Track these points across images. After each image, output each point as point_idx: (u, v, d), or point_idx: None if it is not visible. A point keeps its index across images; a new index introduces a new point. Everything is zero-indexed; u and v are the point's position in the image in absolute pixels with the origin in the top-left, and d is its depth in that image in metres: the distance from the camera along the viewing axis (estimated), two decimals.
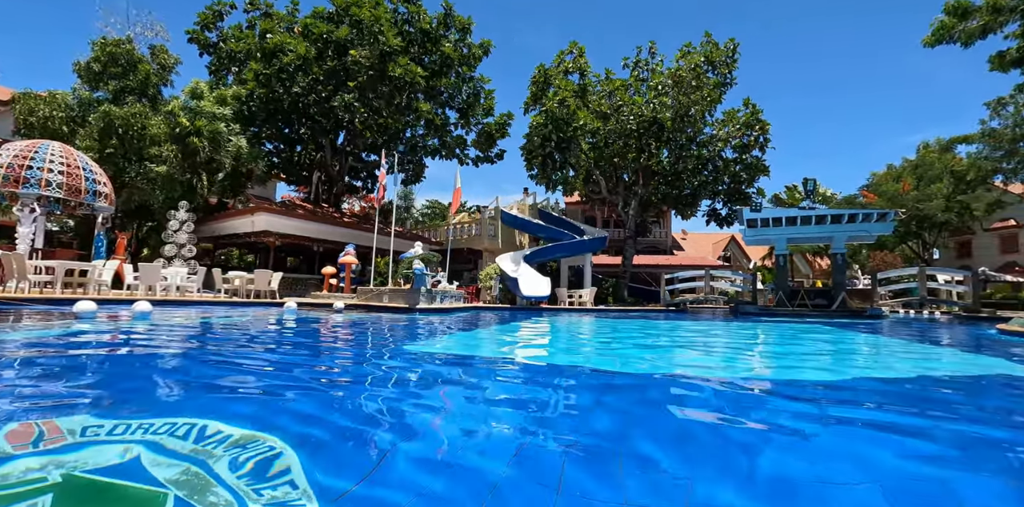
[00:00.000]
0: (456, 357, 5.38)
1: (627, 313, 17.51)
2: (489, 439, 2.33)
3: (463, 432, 2.45)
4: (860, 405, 3.37)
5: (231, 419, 2.32)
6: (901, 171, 33.14)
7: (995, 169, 28.56)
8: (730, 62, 23.64)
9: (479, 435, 2.40)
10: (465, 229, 25.23)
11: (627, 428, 2.65)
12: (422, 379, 3.95)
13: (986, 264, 34.38)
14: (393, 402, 3.07)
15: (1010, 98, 26.91)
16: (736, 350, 6.84)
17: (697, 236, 44.32)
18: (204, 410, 2.59)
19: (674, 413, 2.98)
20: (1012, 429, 2.83)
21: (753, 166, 24.25)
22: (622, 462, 2.03)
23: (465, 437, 2.36)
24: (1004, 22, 17.82)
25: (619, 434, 2.52)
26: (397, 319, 10.81)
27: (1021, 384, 4.39)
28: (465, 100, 24.76)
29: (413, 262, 13.37)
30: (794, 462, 2.15)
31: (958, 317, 18.76)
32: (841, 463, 2.13)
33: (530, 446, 2.20)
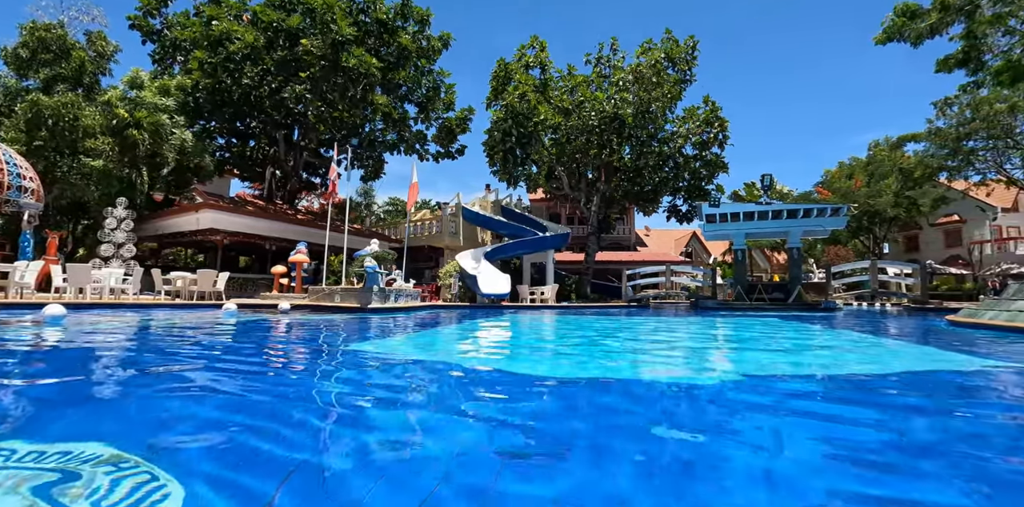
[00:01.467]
0: (393, 359, 4.98)
1: (588, 310, 17.35)
2: (413, 458, 1.98)
3: (384, 446, 2.09)
4: (816, 401, 3.14)
5: (102, 440, 1.91)
6: (853, 168, 34.18)
7: (940, 167, 29.70)
8: (690, 59, 23.78)
9: (405, 450, 2.06)
10: (426, 226, 24.70)
11: (565, 437, 2.33)
12: (349, 384, 3.55)
13: (932, 257, 35.88)
14: (309, 412, 2.67)
15: (955, 98, 27.99)
16: (678, 347, 6.65)
17: (660, 232, 44.82)
18: (71, 431, 2.16)
19: (617, 421, 2.67)
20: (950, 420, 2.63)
21: (712, 163, 24.49)
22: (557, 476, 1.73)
23: (388, 452, 2.01)
24: (950, 23, 18.24)
25: (556, 447, 2.20)
26: (346, 320, 10.29)
27: (974, 376, 4.28)
28: (425, 94, 24.19)
29: (365, 260, 12.82)
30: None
31: (907, 309, 19.34)
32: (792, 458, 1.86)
33: (458, 471, 1.86)
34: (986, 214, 34.67)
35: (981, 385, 4.02)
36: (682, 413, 2.97)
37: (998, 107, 26.19)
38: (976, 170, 29.67)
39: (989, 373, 4.51)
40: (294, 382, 3.73)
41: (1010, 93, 25.01)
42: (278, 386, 3.54)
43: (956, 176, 30.22)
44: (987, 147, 28.40)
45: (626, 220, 38.27)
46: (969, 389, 3.84)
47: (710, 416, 2.87)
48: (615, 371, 4.50)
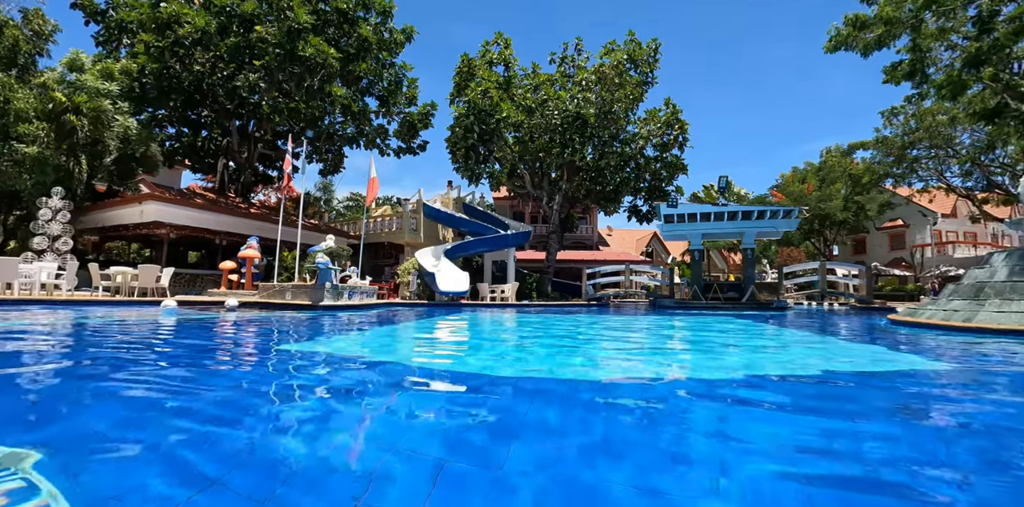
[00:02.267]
0: (332, 358, 4.76)
1: (546, 309, 17.35)
2: (341, 466, 1.82)
3: (308, 455, 1.92)
4: (758, 400, 3.12)
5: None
6: (806, 173, 35.41)
7: (887, 173, 31.09)
8: (652, 61, 24.08)
9: (330, 456, 1.89)
10: (386, 223, 24.24)
11: (502, 438, 2.20)
12: (277, 386, 3.33)
13: (878, 260, 37.58)
14: (239, 413, 2.47)
15: (901, 108, 29.34)
16: (618, 349, 6.65)
17: (622, 232, 45.41)
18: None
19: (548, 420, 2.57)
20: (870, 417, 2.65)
21: (672, 164, 24.89)
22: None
23: (311, 462, 1.83)
24: (897, 35, 18.83)
25: (494, 451, 2.07)
26: (295, 318, 9.93)
27: (903, 373, 4.38)
28: (386, 88, 23.70)
29: (317, 256, 12.41)
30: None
31: (853, 308, 20.10)
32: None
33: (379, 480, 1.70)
34: (927, 219, 36.53)
35: (904, 386, 4.11)
36: (614, 414, 2.89)
37: (940, 119, 27.54)
38: (919, 177, 31.18)
39: (914, 373, 4.64)
40: (214, 385, 3.50)
41: (951, 105, 26.37)
42: (199, 388, 3.30)
43: (901, 183, 31.73)
44: (929, 156, 29.88)
45: (589, 220, 38.61)
46: (889, 389, 3.91)
47: (638, 415, 2.80)
48: (551, 370, 4.42)
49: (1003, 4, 16.40)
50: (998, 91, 19.08)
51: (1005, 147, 26.30)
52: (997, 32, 16.29)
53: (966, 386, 3.84)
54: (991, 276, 10.94)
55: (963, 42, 18.39)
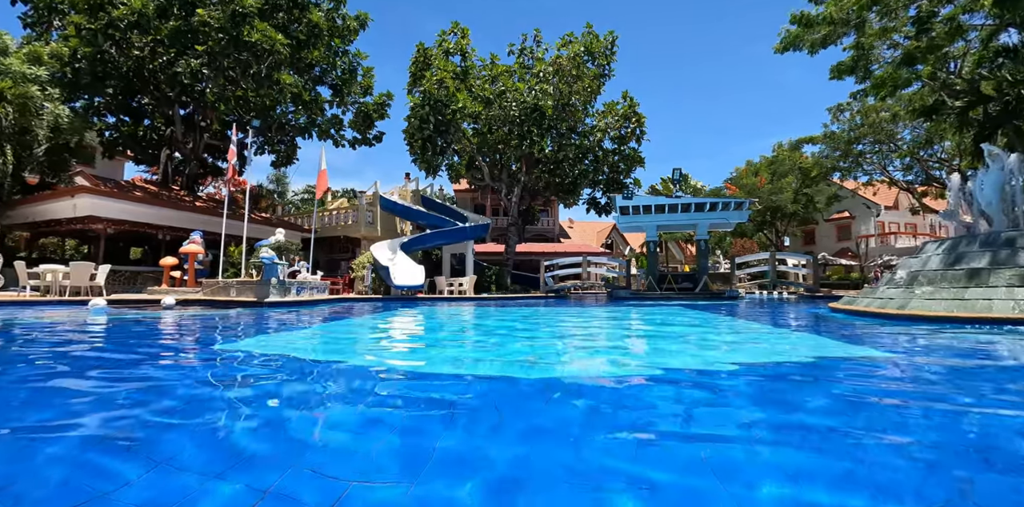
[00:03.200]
0: (261, 358, 4.55)
1: (503, 301, 17.31)
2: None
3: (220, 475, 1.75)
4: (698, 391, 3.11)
5: None
6: (759, 167, 36.44)
7: (834, 167, 32.21)
8: (609, 54, 24.17)
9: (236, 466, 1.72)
10: (342, 216, 23.67)
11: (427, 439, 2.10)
12: (195, 388, 3.13)
13: (826, 250, 39.11)
14: (150, 415, 2.27)
15: (847, 105, 30.40)
16: (554, 338, 6.66)
17: (583, 224, 45.81)
18: None
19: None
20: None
21: (630, 157, 25.16)
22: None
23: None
24: (842, 34, 19.33)
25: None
26: (237, 315, 9.57)
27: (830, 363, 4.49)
28: (340, 76, 23.01)
29: (261, 251, 11.97)
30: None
31: (801, 297, 20.82)
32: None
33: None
34: (871, 211, 38.17)
35: (837, 374, 4.21)
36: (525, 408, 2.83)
37: (883, 115, 28.69)
38: (864, 171, 32.47)
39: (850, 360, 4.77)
40: (118, 391, 3.27)
41: (893, 102, 27.51)
42: (111, 391, 3.07)
43: (847, 176, 33.00)
44: (873, 151, 31.12)
45: (550, 212, 38.77)
46: (822, 378, 3.99)
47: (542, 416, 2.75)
48: (491, 366, 4.35)
49: (940, 5, 17.09)
50: (935, 89, 19.98)
51: (942, 143, 27.64)
52: (935, 32, 16.98)
53: (879, 375, 3.96)
54: (924, 265, 11.46)
55: (905, 41, 19.12)
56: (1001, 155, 10.99)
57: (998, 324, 7.88)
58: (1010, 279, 9.07)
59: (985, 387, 3.34)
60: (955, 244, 11.12)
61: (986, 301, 8.89)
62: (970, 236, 11.05)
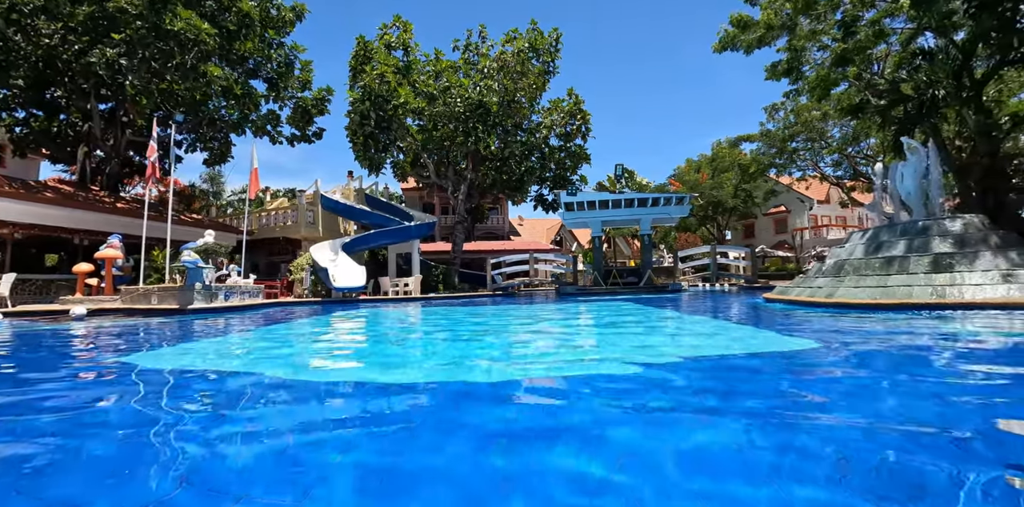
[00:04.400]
0: (163, 373, 4.13)
1: (448, 301, 17.02)
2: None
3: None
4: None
5: None
6: (700, 163, 37.55)
7: (771, 164, 33.51)
8: (553, 51, 24.18)
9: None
10: (281, 216, 22.68)
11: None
12: (82, 411, 2.73)
13: (765, 243, 40.76)
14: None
15: (781, 104, 31.68)
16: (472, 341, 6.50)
17: (533, 222, 45.97)
18: None
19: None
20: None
21: (576, 154, 25.32)
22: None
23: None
24: (776, 36, 19.99)
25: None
26: (155, 324, 8.90)
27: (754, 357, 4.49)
28: (275, 70, 21.98)
29: (183, 254, 11.21)
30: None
31: (741, 288, 21.53)
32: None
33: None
34: (805, 205, 40.10)
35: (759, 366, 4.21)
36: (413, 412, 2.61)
37: (814, 114, 30.06)
38: (798, 167, 33.98)
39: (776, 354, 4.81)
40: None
41: (823, 102, 28.87)
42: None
43: (783, 172, 34.46)
44: (806, 148, 32.59)
45: (500, 210, 38.63)
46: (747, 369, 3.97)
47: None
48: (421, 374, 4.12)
49: (864, 10, 17.96)
50: (861, 88, 21.01)
51: (868, 140, 29.23)
52: (860, 35, 17.82)
53: (797, 364, 3.98)
54: (850, 254, 11.96)
55: (833, 44, 20.00)
56: (918, 148, 11.58)
57: (919, 309, 8.25)
58: (927, 266, 9.56)
59: (902, 375, 3.38)
60: (877, 233, 11.66)
61: (906, 287, 9.34)
62: (891, 225, 11.62)
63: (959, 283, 8.82)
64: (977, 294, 8.42)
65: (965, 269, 9.07)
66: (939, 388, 2.97)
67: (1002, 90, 21.55)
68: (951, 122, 21.01)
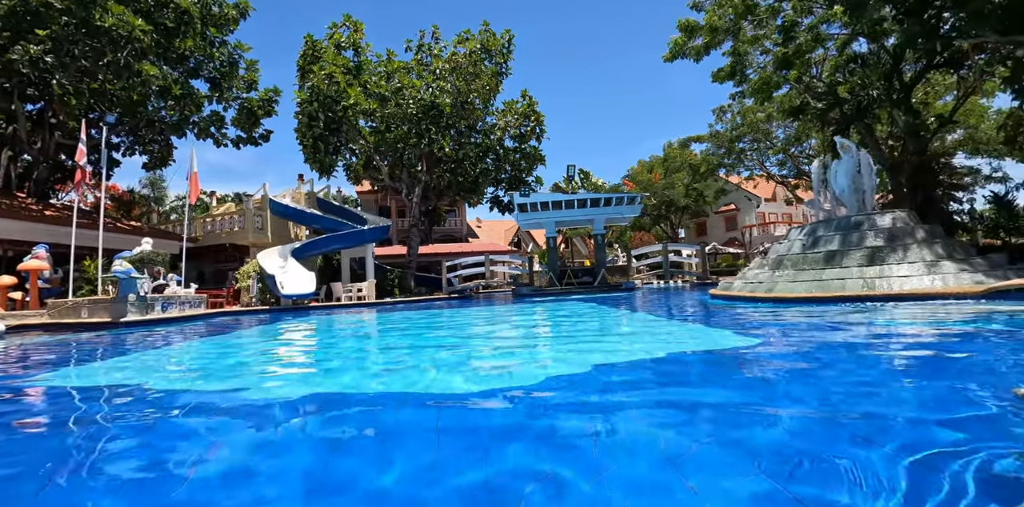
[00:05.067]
0: (64, 392, 3.88)
1: (402, 306, 16.81)
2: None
3: None
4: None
5: None
6: (653, 164, 38.40)
7: (720, 163, 34.56)
8: (506, 52, 24.19)
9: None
10: (227, 222, 21.85)
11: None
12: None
13: (716, 240, 42.05)
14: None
15: (728, 106, 32.71)
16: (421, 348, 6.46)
17: (491, 224, 45.95)
18: None
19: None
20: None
21: (531, 155, 25.43)
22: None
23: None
24: (721, 41, 20.53)
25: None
26: (82, 339, 8.41)
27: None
28: (218, 69, 21.15)
29: (114, 264, 10.64)
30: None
31: (693, 285, 22.13)
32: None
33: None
34: (752, 203, 41.60)
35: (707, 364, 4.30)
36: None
37: (759, 116, 31.17)
38: (745, 167, 35.17)
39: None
40: None
41: (767, 104, 30.01)
42: None
43: (731, 172, 35.63)
44: (752, 148, 33.76)
45: (457, 212, 38.44)
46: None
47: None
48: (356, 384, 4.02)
49: (802, 16, 18.75)
50: (801, 91, 21.92)
51: (809, 140, 30.54)
52: (799, 39, 18.58)
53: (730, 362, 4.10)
54: (789, 249, 12.42)
55: (775, 48, 20.77)
56: (851, 147, 12.15)
57: (851, 301, 8.63)
58: (860, 259, 10.02)
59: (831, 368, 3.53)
60: (814, 229, 12.15)
61: (840, 281, 9.76)
62: (826, 221, 12.13)
63: (888, 275, 9.28)
64: (904, 285, 8.87)
65: (894, 261, 9.56)
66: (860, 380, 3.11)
67: (929, 92, 22.92)
68: (883, 123, 22.24)
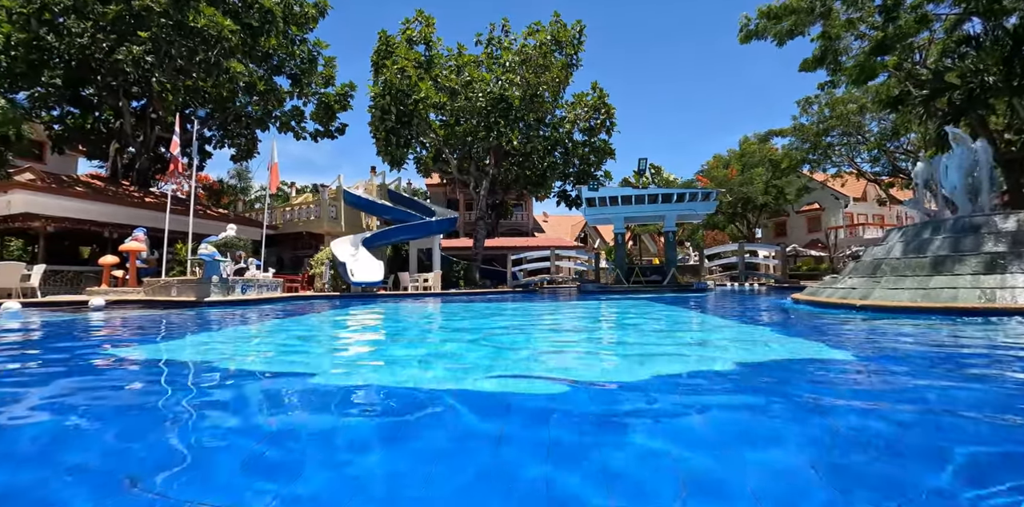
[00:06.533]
0: (146, 363, 4.00)
1: (468, 296, 16.84)
2: None
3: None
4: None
5: None
6: (729, 159, 36.50)
7: (804, 159, 32.34)
8: (577, 43, 23.72)
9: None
10: (303, 211, 22.85)
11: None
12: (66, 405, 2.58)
13: (797, 241, 39.46)
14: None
15: (815, 98, 30.49)
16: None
17: (558, 218, 45.52)
18: None
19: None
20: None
21: (601, 149, 24.84)
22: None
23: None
24: (810, 23, 19.04)
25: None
26: (171, 315, 8.93)
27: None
28: (299, 66, 22.11)
29: (200, 248, 11.27)
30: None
31: (771, 288, 20.77)
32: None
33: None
34: (840, 202, 38.63)
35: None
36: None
37: (850, 107, 28.85)
38: (832, 163, 32.71)
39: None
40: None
41: (860, 94, 27.67)
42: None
43: (816, 168, 33.22)
44: (841, 143, 31.32)
45: (524, 206, 38.34)
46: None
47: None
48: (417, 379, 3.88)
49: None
50: (901, 79, 19.97)
51: (907, 134, 27.90)
52: (901, 21, 16.89)
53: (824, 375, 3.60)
54: (887, 253, 11.15)
55: (871, 32, 19.02)
56: (966, 139, 10.68)
57: (966, 314, 7.57)
58: (975, 267, 8.76)
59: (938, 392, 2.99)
60: (919, 231, 10.82)
61: (951, 290, 8.58)
62: (934, 222, 10.73)
63: (1012, 285, 8.06)
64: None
65: (1019, 270, 8.30)
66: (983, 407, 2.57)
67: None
68: (999, 114, 19.81)
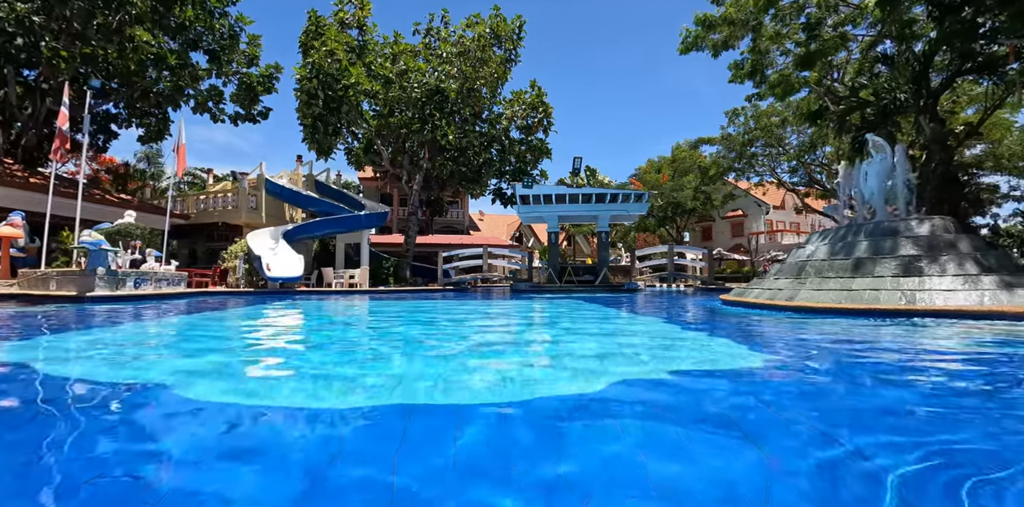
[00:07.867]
0: None
1: (394, 294, 16.11)
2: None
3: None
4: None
5: None
6: (661, 164, 37.60)
7: (730, 167, 33.76)
8: (516, 39, 23.40)
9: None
10: (220, 200, 21.16)
11: None
12: None
13: (722, 245, 41.30)
14: None
15: (742, 109, 31.90)
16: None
17: (494, 217, 45.24)
18: None
19: None
20: None
21: (537, 148, 24.68)
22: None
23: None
24: (741, 37, 19.71)
25: None
26: (42, 313, 7.74)
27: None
28: (218, 41, 20.37)
29: (82, 235, 9.94)
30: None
31: (697, 289, 21.39)
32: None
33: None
34: (761, 210, 40.80)
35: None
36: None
37: (773, 120, 30.39)
38: (756, 172, 34.35)
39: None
40: None
41: (783, 108, 29.20)
42: None
43: (741, 176, 34.81)
44: (764, 153, 32.95)
45: (461, 203, 37.70)
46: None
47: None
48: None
49: (828, 14, 17.93)
50: (820, 95, 21.14)
51: (823, 147, 29.73)
52: (823, 38, 17.81)
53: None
54: (811, 255, 11.48)
55: (796, 49, 19.96)
56: (884, 146, 11.08)
57: (888, 315, 7.78)
58: (894, 269, 9.06)
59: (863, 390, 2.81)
60: (842, 234, 11.13)
61: (873, 291, 8.85)
62: (855, 226, 11.09)
63: (929, 288, 8.40)
64: (949, 300, 8.02)
65: (934, 273, 8.63)
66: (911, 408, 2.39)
67: (956, 101, 22.08)
68: (905, 132, 21.41)
